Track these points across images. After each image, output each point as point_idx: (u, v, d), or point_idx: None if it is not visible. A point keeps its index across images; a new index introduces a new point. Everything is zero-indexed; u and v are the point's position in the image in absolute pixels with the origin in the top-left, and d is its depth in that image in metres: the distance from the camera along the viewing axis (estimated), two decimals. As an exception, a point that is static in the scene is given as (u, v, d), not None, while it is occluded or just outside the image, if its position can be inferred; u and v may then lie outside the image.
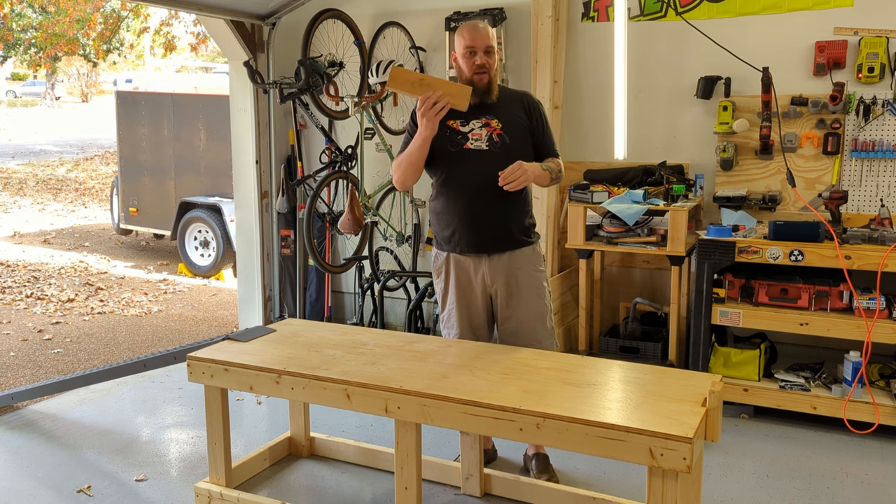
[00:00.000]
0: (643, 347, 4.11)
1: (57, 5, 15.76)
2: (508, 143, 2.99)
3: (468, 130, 3.02)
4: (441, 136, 3.01)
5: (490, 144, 2.99)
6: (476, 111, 3.01)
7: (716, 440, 2.31)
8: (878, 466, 3.34)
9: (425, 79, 2.93)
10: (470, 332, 3.15)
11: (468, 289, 3.12)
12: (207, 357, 2.91)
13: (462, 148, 3.00)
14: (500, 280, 3.07)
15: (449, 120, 3.02)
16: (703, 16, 4.24)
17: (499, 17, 4.59)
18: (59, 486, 3.20)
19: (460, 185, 3.03)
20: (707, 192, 4.30)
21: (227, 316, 6.20)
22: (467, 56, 2.99)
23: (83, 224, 10.83)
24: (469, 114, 3.00)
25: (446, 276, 3.15)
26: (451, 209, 3.06)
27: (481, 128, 3.01)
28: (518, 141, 3.02)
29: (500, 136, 3.00)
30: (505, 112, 3.04)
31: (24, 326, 5.84)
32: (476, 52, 2.98)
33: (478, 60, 2.97)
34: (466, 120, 3.03)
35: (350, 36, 4.76)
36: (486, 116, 3.02)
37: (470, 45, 2.98)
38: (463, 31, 3.02)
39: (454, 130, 3.02)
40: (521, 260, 3.08)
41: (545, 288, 3.15)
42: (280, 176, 5.26)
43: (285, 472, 3.34)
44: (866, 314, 3.50)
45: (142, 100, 8.55)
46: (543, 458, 3.22)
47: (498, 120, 3.02)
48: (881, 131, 3.91)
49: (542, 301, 3.12)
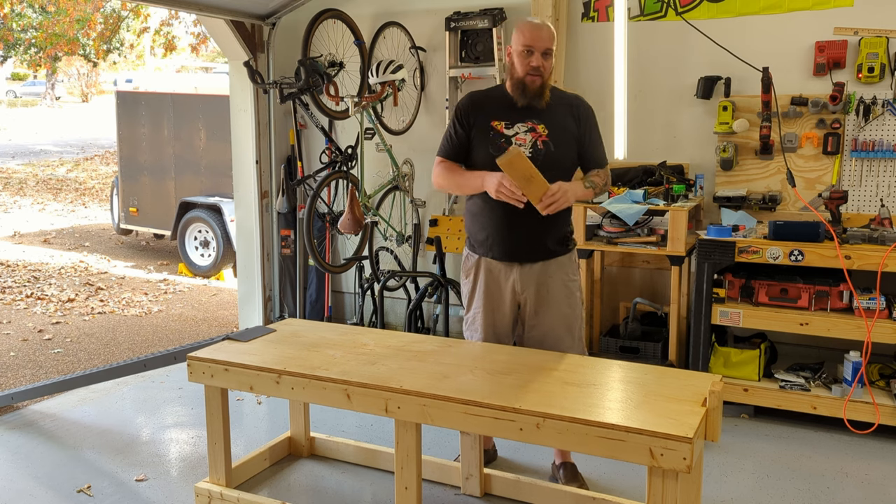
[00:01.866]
0: (643, 347, 4.11)
1: (57, 5, 15.76)
2: (553, 150, 2.87)
3: (512, 134, 2.89)
4: (483, 136, 2.90)
5: (533, 151, 2.86)
6: (523, 113, 2.90)
7: (716, 440, 2.31)
8: (878, 466, 3.34)
9: (534, 176, 2.73)
10: (494, 338, 3.07)
11: (497, 294, 3.03)
12: (207, 357, 2.91)
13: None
14: (530, 289, 2.98)
15: (493, 120, 2.91)
16: (703, 16, 4.24)
17: (499, 17, 4.59)
18: (59, 486, 3.20)
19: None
20: (707, 192, 4.30)
21: (227, 316, 6.20)
22: (523, 55, 2.84)
23: (83, 224, 10.83)
24: (515, 115, 2.89)
25: (475, 278, 3.06)
26: (488, 214, 2.96)
27: (526, 132, 2.89)
28: (563, 149, 2.90)
29: (545, 143, 2.87)
30: (553, 117, 2.91)
31: (24, 326, 5.84)
32: (533, 52, 2.83)
33: (534, 62, 2.83)
34: (512, 122, 2.90)
35: (350, 36, 4.76)
36: (533, 120, 2.90)
37: (529, 44, 2.83)
38: (524, 27, 2.86)
39: (498, 133, 2.89)
40: (553, 268, 2.99)
41: (576, 297, 3.05)
42: (280, 176, 5.26)
43: (285, 472, 3.34)
44: (866, 314, 3.50)
45: (142, 100, 8.54)
46: (571, 466, 3.17)
47: (545, 126, 2.89)
48: (881, 131, 3.91)
49: (570, 310, 3.03)
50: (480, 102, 2.99)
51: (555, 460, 3.24)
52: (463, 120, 2.97)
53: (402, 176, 4.87)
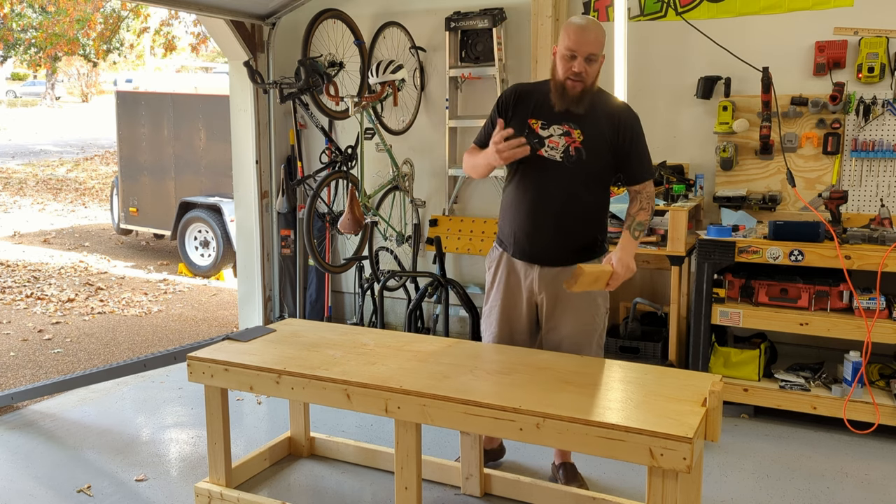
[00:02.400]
0: (643, 347, 4.11)
1: (57, 5, 15.77)
2: (584, 158, 2.79)
3: (546, 135, 2.81)
4: (518, 132, 2.80)
5: (564, 156, 2.79)
6: (562, 115, 2.81)
7: (716, 440, 2.32)
8: (878, 466, 3.34)
9: (599, 275, 2.75)
10: (508, 335, 3.03)
11: (515, 291, 2.99)
12: (207, 357, 2.91)
13: (535, 154, 2.80)
14: (547, 290, 2.93)
15: (531, 117, 2.83)
16: (703, 16, 4.24)
17: (499, 17, 4.59)
18: (59, 486, 3.20)
19: (525, 190, 2.88)
20: (707, 192, 4.30)
21: (227, 316, 6.20)
22: (566, 58, 2.71)
23: (83, 224, 10.83)
24: (554, 116, 2.81)
25: (496, 272, 3.03)
26: (514, 211, 2.93)
27: (561, 136, 2.80)
28: (595, 158, 2.81)
29: (578, 150, 2.79)
30: (592, 123, 2.81)
31: (24, 326, 5.84)
32: (577, 56, 2.69)
33: (575, 67, 2.70)
34: (548, 122, 2.82)
35: (350, 36, 4.76)
36: (570, 124, 2.80)
37: (572, 48, 2.69)
38: (569, 28, 2.72)
39: (532, 132, 2.82)
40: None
41: (599, 305, 2.98)
42: (280, 176, 5.26)
43: (285, 472, 3.34)
44: (866, 314, 3.50)
45: (142, 100, 8.54)
46: (571, 467, 3.17)
47: (581, 132, 2.79)
48: (881, 131, 3.91)
49: (591, 318, 2.96)
50: (523, 96, 2.89)
51: (554, 461, 3.24)
52: (501, 111, 2.89)
53: (402, 176, 4.87)
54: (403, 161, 4.93)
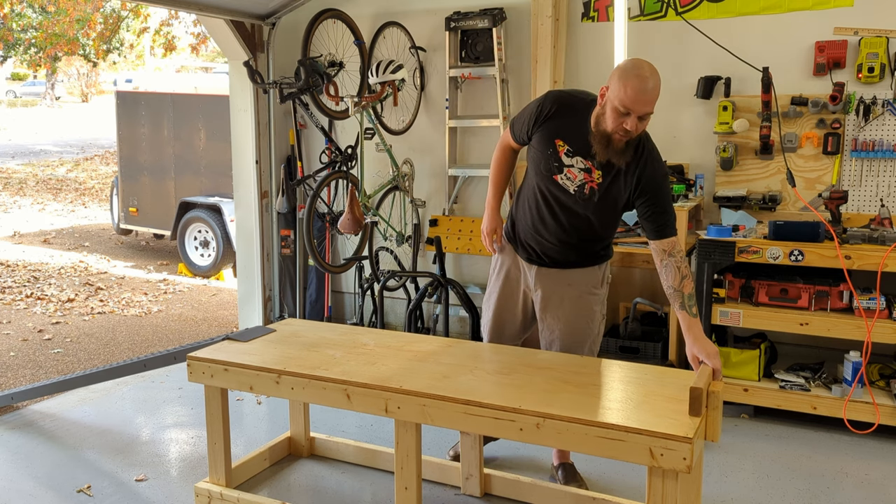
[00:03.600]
0: (643, 347, 4.11)
1: (57, 5, 15.76)
2: (596, 201, 2.75)
3: (568, 164, 2.74)
4: (542, 149, 2.78)
5: (577, 192, 2.76)
6: (589, 151, 2.69)
7: (716, 440, 2.32)
8: (878, 466, 3.34)
9: (707, 378, 2.55)
10: (499, 322, 3.12)
11: (514, 282, 3.07)
12: (207, 357, 2.91)
13: (551, 177, 2.78)
14: (540, 287, 2.97)
15: (559, 137, 2.74)
16: (703, 16, 4.24)
17: (499, 17, 4.59)
18: (59, 486, 3.20)
19: (533, 207, 2.91)
20: (707, 192, 4.30)
21: (227, 316, 6.20)
22: (619, 112, 2.55)
23: (83, 224, 10.83)
24: (582, 148, 2.70)
25: (501, 258, 3.11)
26: (524, 213, 2.97)
27: (581, 171, 2.73)
28: (608, 202, 2.75)
29: (592, 190, 2.74)
30: (617, 172, 2.71)
31: (24, 326, 5.84)
32: (631, 114, 2.55)
33: (628, 126, 2.56)
34: (574, 151, 2.72)
35: (350, 36, 4.76)
36: (594, 163, 2.70)
37: (629, 106, 2.53)
38: (629, 82, 2.53)
39: (556, 154, 2.75)
40: (574, 277, 2.93)
41: (595, 312, 2.97)
42: (280, 176, 5.26)
43: (285, 472, 3.34)
44: (866, 314, 3.50)
45: (142, 100, 8.54)
46: (570, 467, 3.18)
47: (602, 174, 2.71)
48: (881, 131, 3.91)
49: (587, 324, 2.96)
50: (560, 112, 2.75)
51: (553, 461, 3.24)
52: (537, 117, 2.79)
53: (402, 176, 4.87)
54: (403, 161, 4.93)
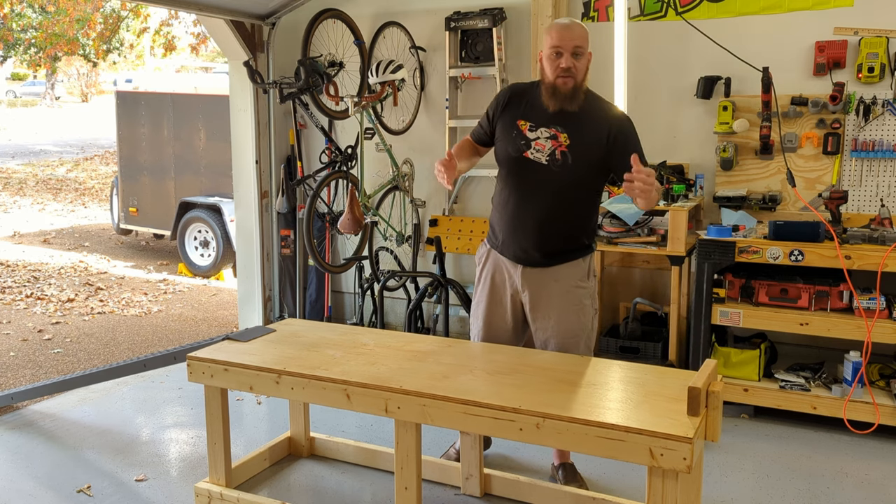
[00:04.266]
0: (643, 347, 4.11)
1: (57, 5, 15.76)
2: (570, 163, 2.77)
3: (533, 137, 2.81)
4: (507, 134, 2.85)
5: (550, 160, 2.79)
6: (551, 118, 2.80)
7: (716, 440, 2.31)
8: (878, 466, 3.34)
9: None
10: (491, 331, 3.06)
11: (500, 288, 3.02)
12: (207, 357, 2.91)
13: (521, 155, 2.82)
14: (529, 289, 2.94)
15: (520, 119, 2.84)
16: (703, 16, 4.24)
17: (499, 17, 4.59)
18: (59, 486, 3.20)
19: (512, 191, 2.91)
20: (707, 192, 4.30)
21: (227, 316, 6.20)
22: (552, 57, 2.72)
23: (83, 224, 10.83)
24: (542, 119, 2.81)
25: (483, 268, 3.07)
26: (502, 211, 2.97)
27: (547, 139, 2.79)
28: (582, 164, 2.79)
29: (564, 154, 2.78)
30: (581, 128, 2.79)
31: (24, 326, 5.84)
32: (563, 52, 2.70)
33: (563, 63, 2.70)
34: (536, 125, 2.81)
35: (350, 36, 4.76)
36: (558, 127, 2.79)
37: (557, 44, 2.70)
38: (552, 28, 2.75)
39: (520, 133, 2.83)
40: (561, 273, 2.92)
41: (586, 305, 2.95)
42: (280, 176, 5.26)
43: (285, 472, 3.34)
44: (866, 314, 3.50)
45: (142, 100, 8.54)
46: (570, 467, 3.17)
47: (568, 135, 2.77)
48: (881, 131, 3.91)
49: (578, 318, 2.94)
50: (516, 97, 2.90)
51: (553, 461, 3.24)
52: (493, 110, 2.93)
53: (402, 176, 4.87)
54: (403, 161, 4.93)
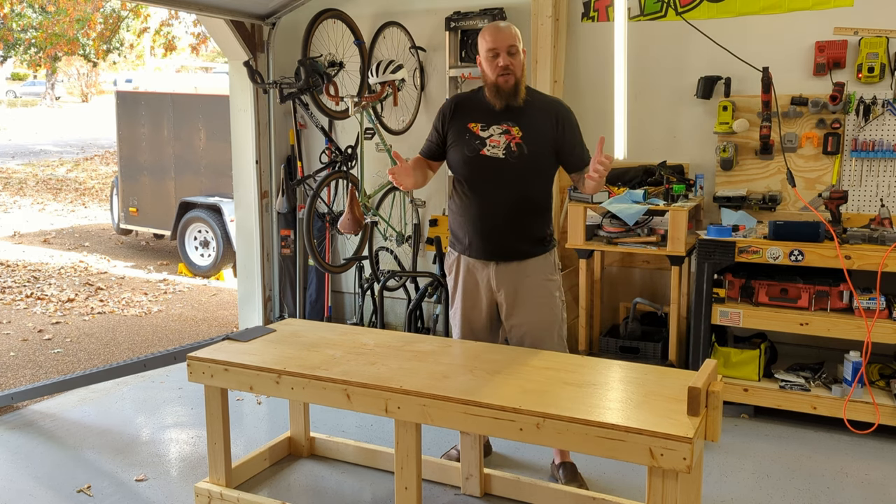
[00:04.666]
0: (643, 347, 4.10)
1: (57, 5, 15.76)
2: (526, 153, 2.93)
3: (487, 136, 2.95)
4: (460, 138, 2.99)
5: (507, 153, 2.93)
6: (499, 116, 2.96)
7: (716, 440, 2.31)
8: (878, 466, 3.34)
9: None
10: (470, 334, 3.16)
11: (474, 292, 3.11)
12: (207, 357, 2.91)
13: (478, 154, 2.95)
14: (505, 288, 3.04)
15: (470, 122, 2.98)
16: (703, 16, 4.24)
17: (499, 17, 4.59)
18: (59, 486, 3.20)
19: (473, 190, 3.00)
20: (707, 192, 4.30)
21: (227, 316, 6.20)
22: (490, 59, 2.90)
23: (83, 224, 10.83)
24: (492, 118, 2.96)
25: (455, 276, 3.16)
26: (464, 213, 3.05)
27: (501, 134, 2.94)
28: (537, 152, 2.95)
29: (519, 145, 2.93)
30: (530, 120, 2.96)
31: (24, 326, 5.84)
32: (499, 53, 2.89)
33: (501, 62, 2.88)
34: (488, 124, 2.96)
35: (350, 36, 4.76)
36: (508, 123, 2.95)
37: (492, 46, 2.89)
38: (485, 32, 2.94)
39: (473, 134, 2.97)
40: (530, 268, 3.02)
41: (556, 297, 3.07)
42: (280, 176, 5.26)
43: (285, 472, 3.34)
44: (866, 314, 3.50)
45: (142, 100, 8.54)
46: (571, 466, 3.19)
47: (519, 128, 2.94)
48: (881, 131, 3.91)
49: (550, 311, 3.06)
50: (461, 105, 3.07)
51: (554, 460, 3.24)
52: (441, 122, 3.08)
53: (402, 176, 4.86)
54: (403, 161, 4.92)
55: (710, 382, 2.37)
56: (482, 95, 3.01)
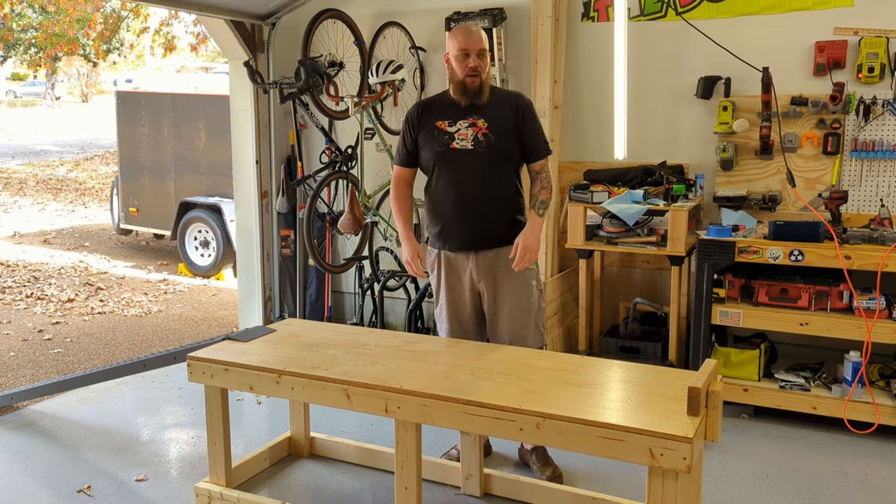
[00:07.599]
0: (643, 347, 4.11)
1: (57, 5, 15.75)
2: (493, 142, 3.06)
3: (455, 131, 3.09)
4: (429, 136, 3.11)
5: (475, 144, 3.06)
6: (465, 112, 3.09)
7: (716, 440, 2.32)
8: (878, 466, 3.34)
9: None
10: (459, 329, 3.22)
11: (457, 286, 3.19)
12: (207, 357, 2.91)
13: (448, 148, 3.08)
14: (486, 278, 3.13)
15: (437, 121, 3.12)
16: (703, 16, 4.24)
17: (499, 17, 4.59)
18: (59, 486, 3.20)
19: (447, 183, 3.11)
20: (707, 192, 4.30)
21: (227, 316, 6.20)
22: (461, 58, 3.04)
23: (83, 224, 10.83)
24: (458, 114, 3.10)
25: (438, 272, 3.23)
26: (440, 207, 3.15)
27: (468, 128, 3.08)
28: (503, 140, 3.08)
29: (486, 135, 3.06)
30: (493, 112, 3.10)
31: (24, 326, 5.84)
32: (469, 54, 3.03)
33: (471, 63, 3.03)
34: (454, 120, 3.10)
35: (350, 36, 4.76)
36: (474, 117, 3.09)
37: (464, 47, 3.04)
38: (457, 33, 3.08)
39: (441, 131, 3.10)
40: (507, 257, 3.10)
41: (533, 286, 3.17)
42: (280, 176, 5.26)
43: (285, 472, 3.34)
44: (866, 314, 3.50)
45: (142, 100, 8.55)
46: (542, 450, 3.24)
47: (484, 120, 3.08)
48: (881, 131, 3.91)
49: (527, 298, 3.15)
50: (426, 108, 3.19)
51: (524, 444, 3.27)
52: (411, 127, 3.19)
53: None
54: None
55: (710, 382, 2.37)
56: (447, 96, 3.17)
